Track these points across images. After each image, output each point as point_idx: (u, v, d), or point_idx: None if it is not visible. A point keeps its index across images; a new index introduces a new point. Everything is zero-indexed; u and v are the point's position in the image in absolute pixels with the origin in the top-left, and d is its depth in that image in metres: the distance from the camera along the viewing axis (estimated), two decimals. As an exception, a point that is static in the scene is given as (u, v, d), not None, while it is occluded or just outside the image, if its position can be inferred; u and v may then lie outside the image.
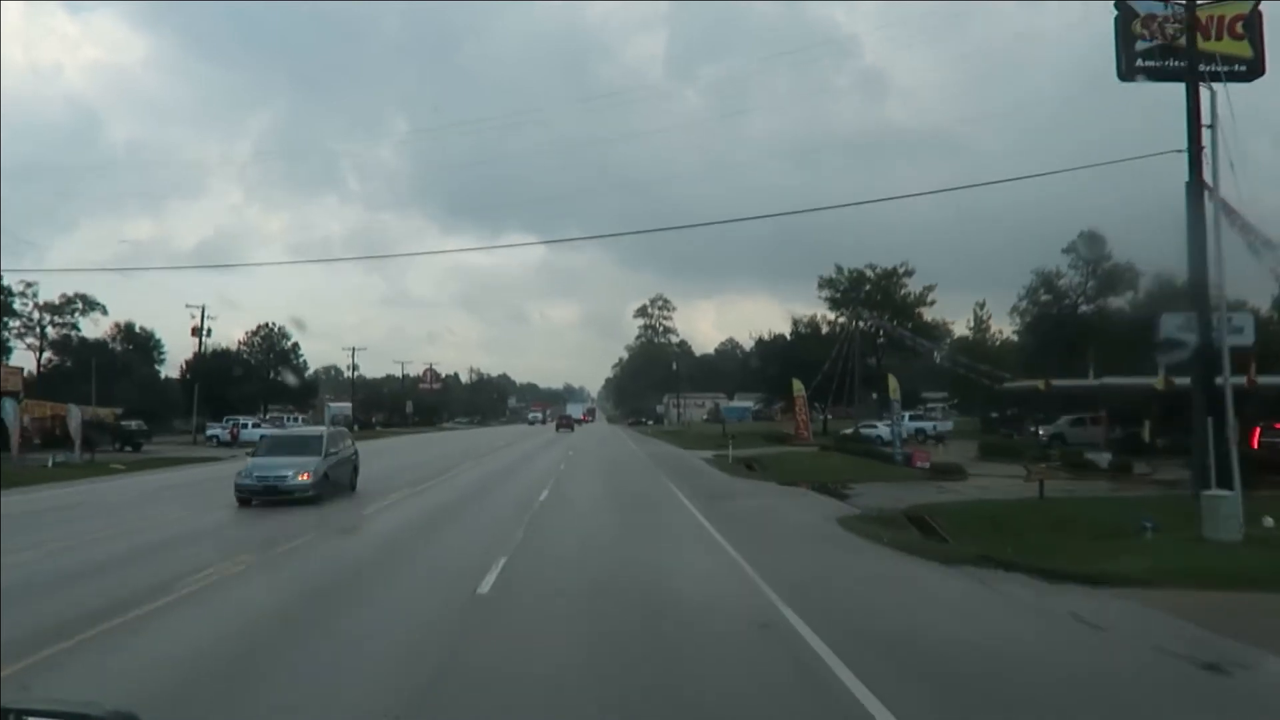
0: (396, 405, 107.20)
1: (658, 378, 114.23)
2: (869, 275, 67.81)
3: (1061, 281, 58.50)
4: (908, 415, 46.96)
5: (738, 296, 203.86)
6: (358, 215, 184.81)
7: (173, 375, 73.48)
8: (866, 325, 61.32)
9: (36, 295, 67.58)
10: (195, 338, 64.54)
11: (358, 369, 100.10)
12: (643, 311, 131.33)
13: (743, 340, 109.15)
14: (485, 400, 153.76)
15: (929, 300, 67.66)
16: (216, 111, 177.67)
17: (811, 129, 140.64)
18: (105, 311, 70.91)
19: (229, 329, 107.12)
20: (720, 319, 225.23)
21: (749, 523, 17.43)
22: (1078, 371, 44.78)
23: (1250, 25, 20.75)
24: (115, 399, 56.43)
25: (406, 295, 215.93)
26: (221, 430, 57.82)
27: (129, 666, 7.47)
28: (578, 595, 10.33)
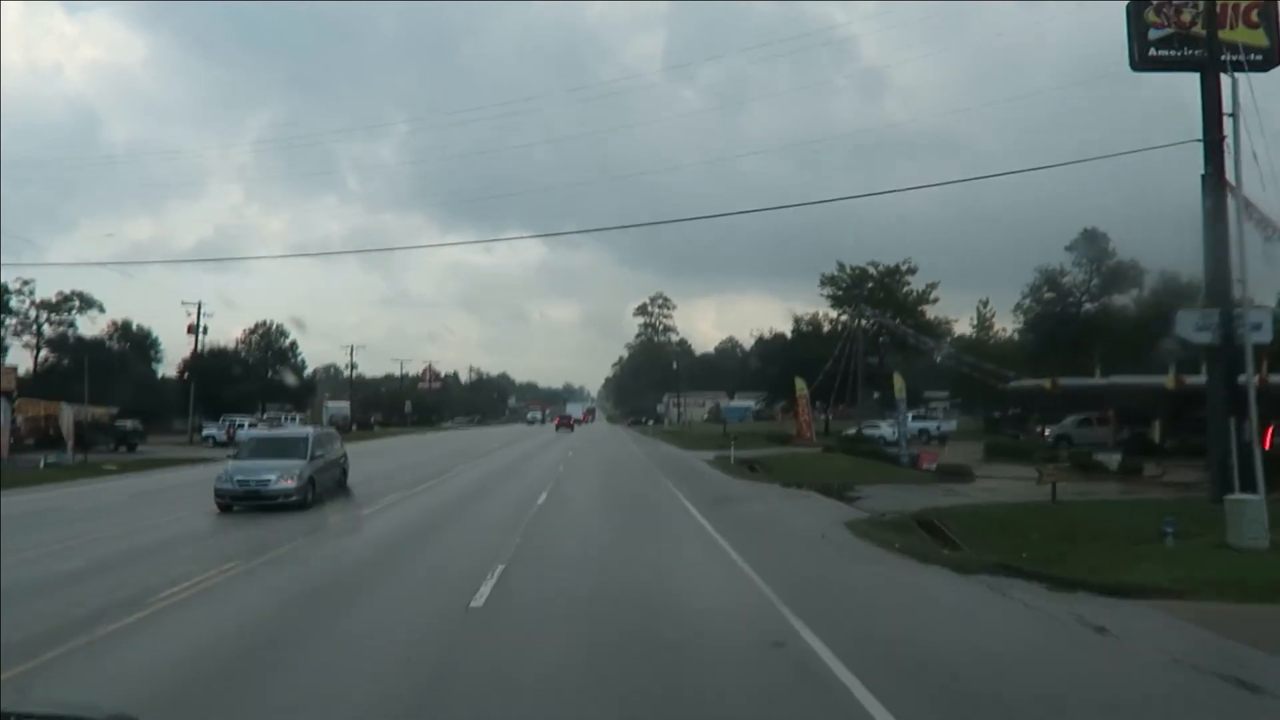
0: (395, 405, 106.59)
1: (658, 377, 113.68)
2: (871, 273, 67.23)
3: (1065, 279, 57.98)
4: (910, 415, 46.42)
5: (738, 296, 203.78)
6: (358, 215, 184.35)
7: (171, 374, 73.08)
8: (869, 323, 60.74)
9: (33, 293, 67.19)
10: (191, 335, 64.14)
11: (356, 368, 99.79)
12: (643, 310, 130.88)
13: (743, 339, 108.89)
14: (485, 400, 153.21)
15: (932, 298, 67.13)
16: (216, 111, 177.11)
17: (812, 128, 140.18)
18: (102, 309, 70.55)
19: (229, 328, 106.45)
20: (720, 318, 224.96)
21: (754, 528, 16.90)
22: (1082, 370, 44.25)
23: (1266, 14, 20.24)
24: (112, 398, 55.85)
25: (406, 295, 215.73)
26: (218, 430, 57.33)
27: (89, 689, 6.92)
28: (577, 611, 9.75)
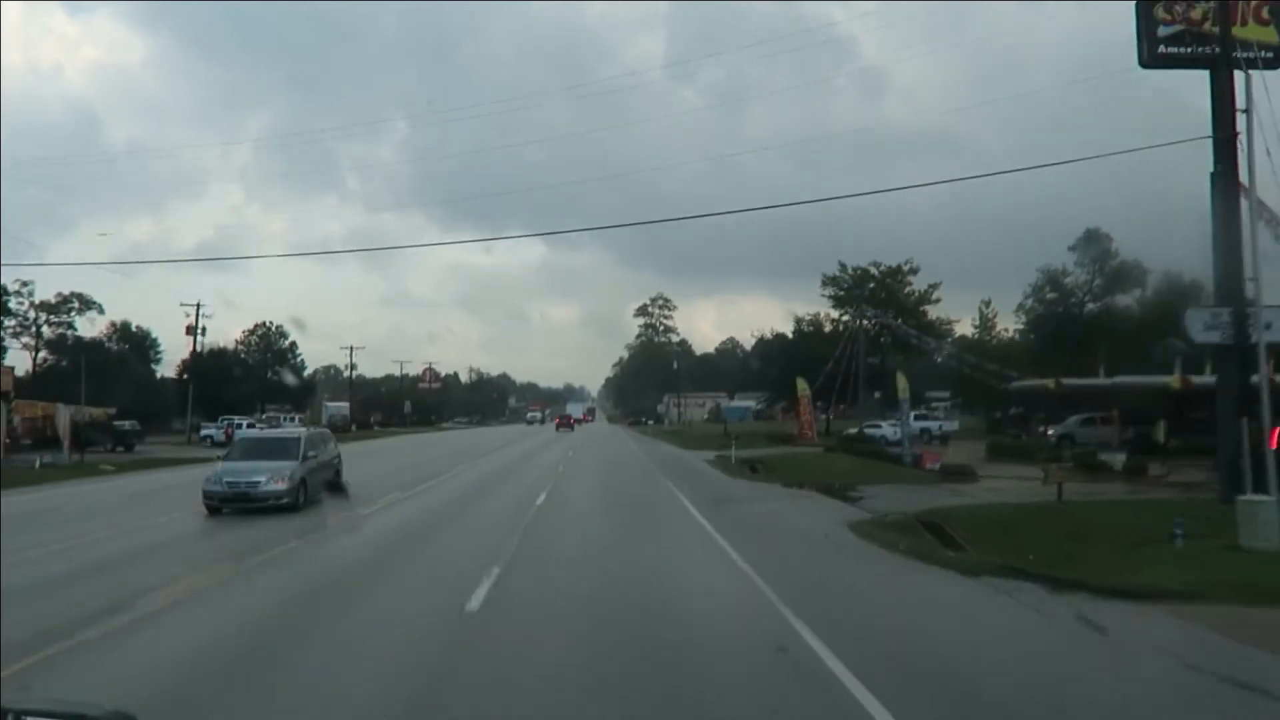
0: (395, 405, 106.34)
1: (658, 377, 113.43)
2: (873, 273, 66.96)
3: (1068, 279, 57.72)
4: (912, 415, 46.15)
5: (738, 296, 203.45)
6: (357, 215, 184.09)
7: (170, 375, 72.91)
8: (871, 323, 60.48)
9: (32, 294, 67.03)
10: (190, 336, 63.95)
11: (356, 368, 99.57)
12: (643, 310, 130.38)
13: (743, 340, 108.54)
14: (485, 400, 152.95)
15: (934, 298, 66.83)
16: (216, 111, 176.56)
17: (812, 129, 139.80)
18: (102, 310, 70.44)
19: (229, 328, 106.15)
20: (720, 318, 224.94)
21: (756, 529, 16.64)
22: (1084, 370, 44.04)
23: (1277, 11, 19.99)
24: (111, 399, 55.69)
25: (406, 295, 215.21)
26: (216, 430, 57.16)
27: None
28: (575, 613, 9.50)
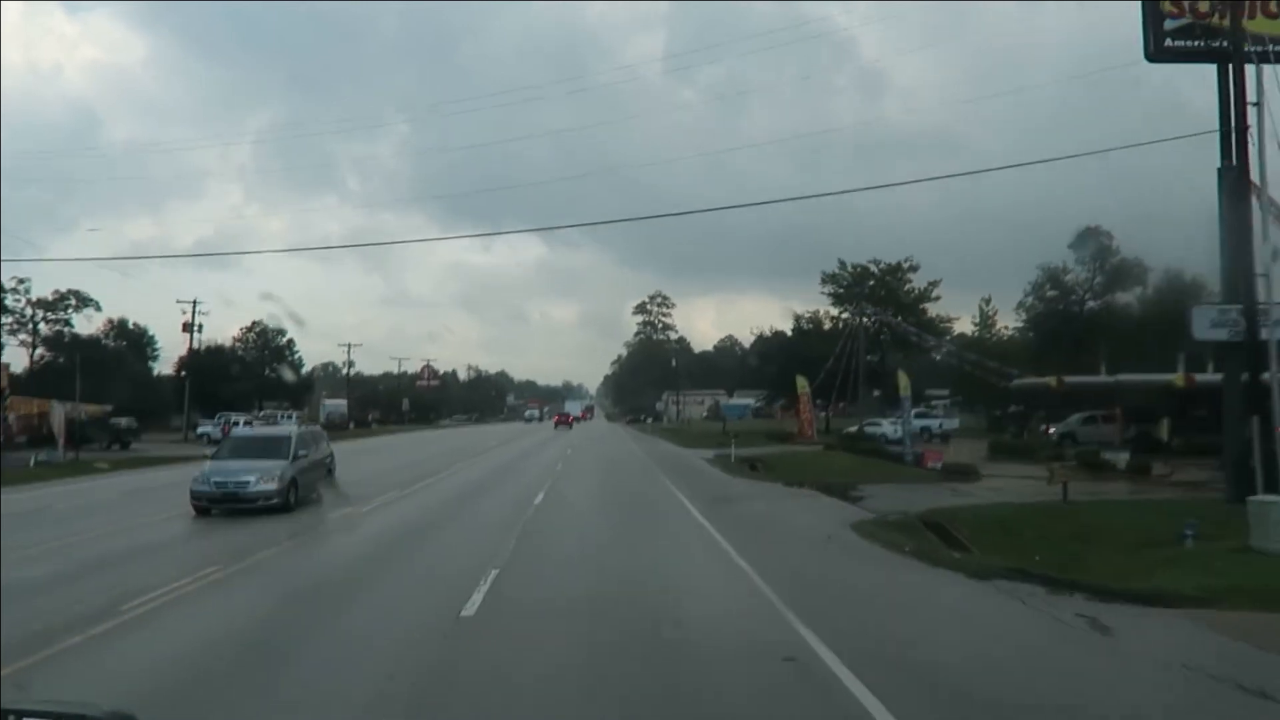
0: (393, 403, 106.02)
1: (657, 375, 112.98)
2: (873, 271, 66.69)
3: (1068, 277, 57.43)
4: (913, 413, 45.90)
5: (737, 295, 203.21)
6: (357, 215, 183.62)
7: (168, 372, 72.53)
8: (871, 321, 60.21)
9: (29, 291, 66.70)
10: (186, 333, 63.65)
11: (354, 365, 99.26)
12: (642, 308, 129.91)
13: (742, 337, 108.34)
14: (483, 397, 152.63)
15: (934, 296, 66.56)
16: (216, 111, 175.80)
17: (812, 129, 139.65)
18: (99, 308, 70.10)
19: (228, 326, 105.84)
20: (719, 317, 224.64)
21: (757, 529, 16.39)
22: (1085, 368, 43.79)
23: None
24: (108, 396, 55.33)
25: (405, 294, 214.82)
26: (213, 427, 56.86)
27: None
28: (574, 619, 9.22)
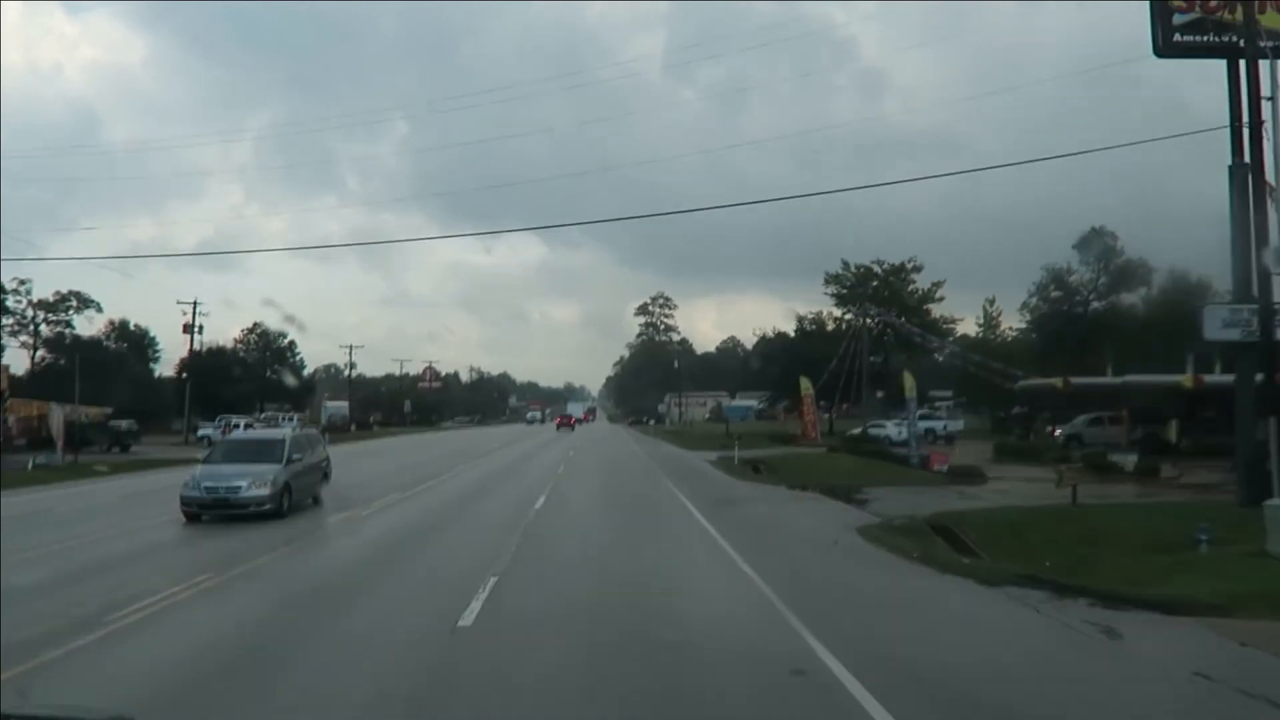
0: (395, 404, 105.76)
1: (659, 376, 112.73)
2: (876, 271, 66.42)
3: (1072, 278, 57.15)
4: (917, 414, 45.60)
5: (738, 296, 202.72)
6: (357, 215, 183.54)
7: (169, 374, 72.36)
8: (874, 322, 59.93)
9: (30, 292, 66.55)
10: (187, 335, 63.40)
11: (355, 367, 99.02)
12: (643, 310, 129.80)
13: (744, 339, 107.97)
14: (485, 399, 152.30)
15: (937, 296, 66.30)
16: (216, 111, 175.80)
17: (812, 129, 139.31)
18: (100, 309, 69.98)
19: (229, 328, 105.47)
20: (721, 318, 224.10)
21: (762, 533, 16.12)
22: (1090, 369, 43.52)
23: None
24: (108, 398, 55.13)
25: (406, 295, 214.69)
26: (214, 430, 56.62)
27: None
28: (574, 629, 8.94)
